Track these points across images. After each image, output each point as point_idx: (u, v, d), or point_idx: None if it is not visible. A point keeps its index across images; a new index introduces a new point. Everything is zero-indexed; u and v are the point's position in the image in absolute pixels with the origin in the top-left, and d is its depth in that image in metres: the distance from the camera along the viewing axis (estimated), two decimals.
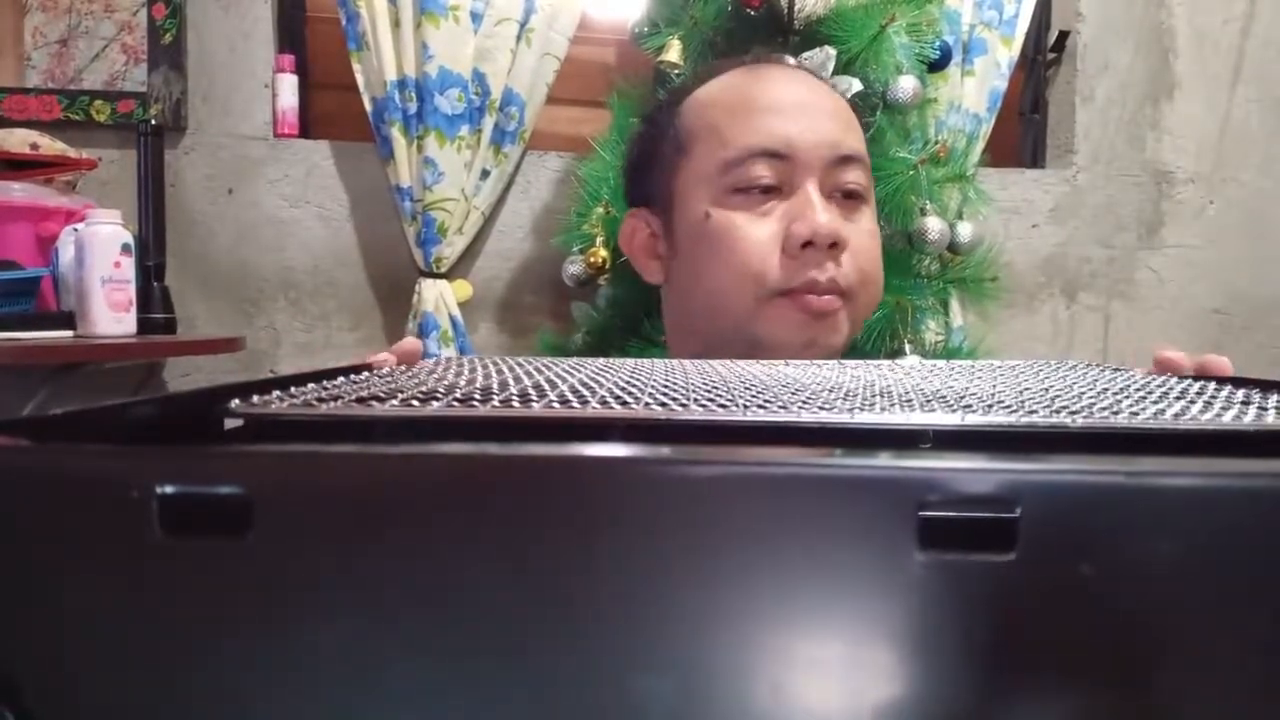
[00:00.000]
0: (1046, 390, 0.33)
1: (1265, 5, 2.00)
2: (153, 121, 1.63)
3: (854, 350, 1.27)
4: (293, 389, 0.31)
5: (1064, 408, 0.28)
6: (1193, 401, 0.30)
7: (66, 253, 1.36)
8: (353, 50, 1.68)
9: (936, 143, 1.42)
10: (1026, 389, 0.33)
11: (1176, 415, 0.27)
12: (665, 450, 0.18)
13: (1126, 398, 0.31)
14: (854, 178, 0.75)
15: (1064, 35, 1.98)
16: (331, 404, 0.28)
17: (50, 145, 1.47)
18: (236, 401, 0.28)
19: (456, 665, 0.18)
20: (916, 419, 0.26)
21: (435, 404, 0.27)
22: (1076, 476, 0.17)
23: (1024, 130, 2.06)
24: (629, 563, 0.17)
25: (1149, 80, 1.99)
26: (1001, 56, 1.83)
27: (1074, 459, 0.17)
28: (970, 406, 0.28)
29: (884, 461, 0.17)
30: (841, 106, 0.79)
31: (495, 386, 0.32)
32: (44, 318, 1.36)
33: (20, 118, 1.65)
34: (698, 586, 0.18)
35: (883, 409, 0.28)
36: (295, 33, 1.85)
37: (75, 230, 1.35)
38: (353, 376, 0.35)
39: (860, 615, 0.17)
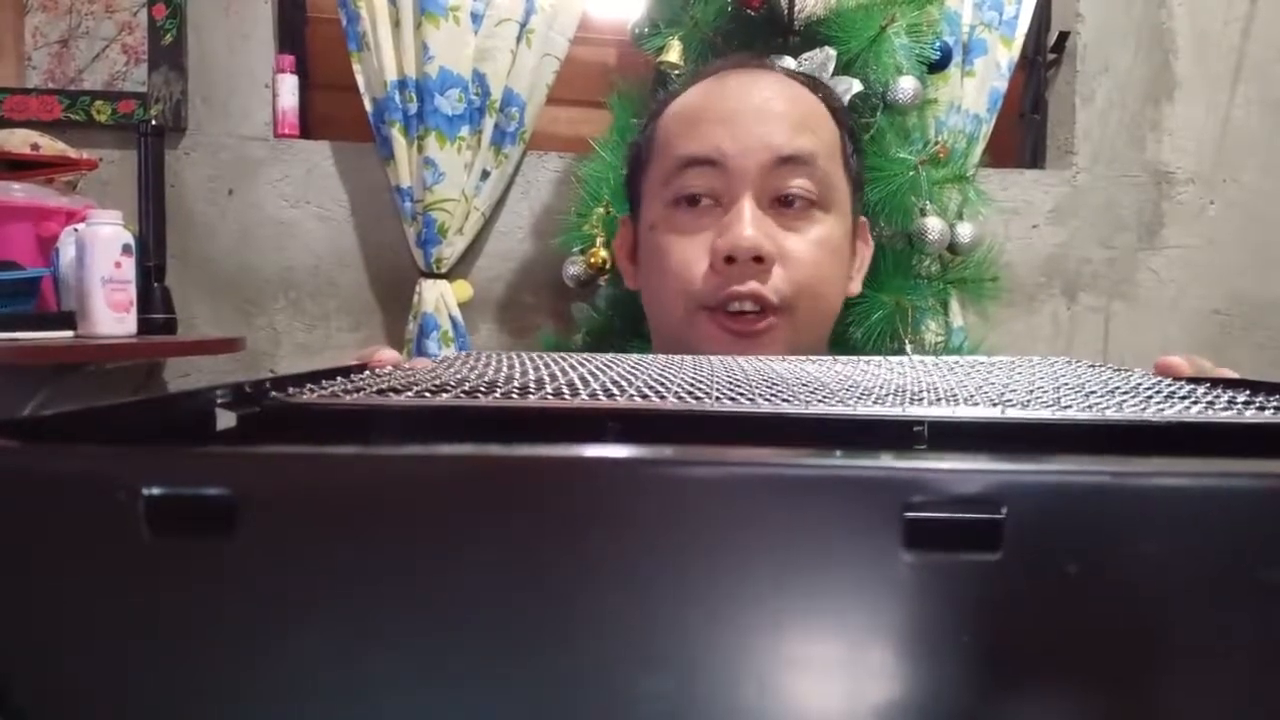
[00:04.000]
0: (1055, 388, 0.33)
1: (1265, 5, 1.99)
2: (153, 122, 1.63)
3: (854, 352, 1.28)
4: (308, 385, 0.31)
5: (1066, 405, 0.28)
6: (1193, 402, 0.30)
7: (67, 253, 1.36)
8: (353, 51, 1.68)
9: (936, 143, 1.42)
10: (1035, 386, 0.33)
11: (1164, 411, 0.27)
12: (651, 450, 0.18)
13: (1119, 395, 0.31)
14: (798, 183, 0.73)
15: (1064, 36, 1.98)
16: (356, 395, 0.28)
17: (51, 145, 1.47)
18: (273, 393, 0.28)
19: (447, 666, 0.18)
20: (911, 411, 0.27)
21: (462, 395, 0.27)
22: (1062, 477, 0.17)
23: (1024, 131, 2.06)
24: (616, 562, 0.17)
25: (1149, 81, 1.99)
26: (1001, 57, 1.83)
27: (1060, 459, 0.17)
28: (984, 402, 0.28)
29: (870, 462, 0.17)
30: (800, 109, 0.76)
31: (532, 383, 0.32)
32: (44, 318, 1.36)
33: (21, 118, 1.65)
34: (687, 587, 0.18)
35: (890, 403, 0.28)
36: (295, 33, 1.85)
37: (76, 230, 1.35)
38: (354, 376, 0.35)
39: (848, 614, 0.17)
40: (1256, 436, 0.26)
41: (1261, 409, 0.28)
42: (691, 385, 0.32)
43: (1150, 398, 0.31)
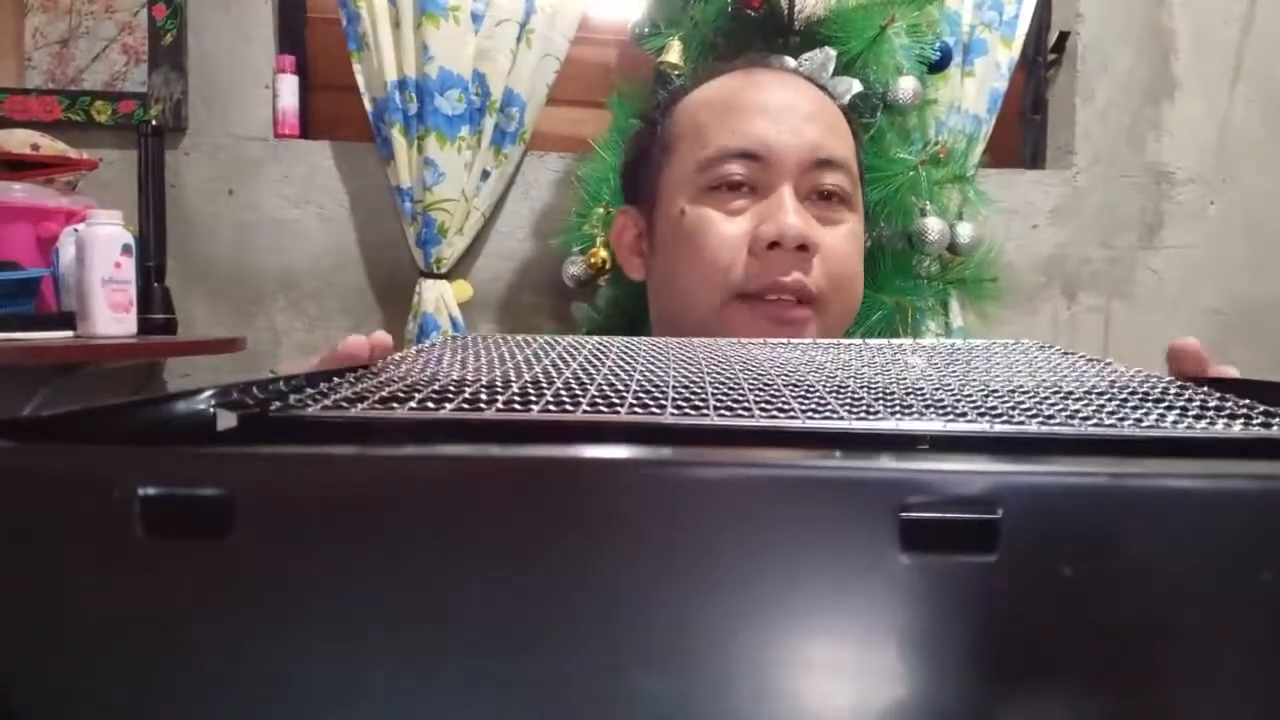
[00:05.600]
0: (1037, 390, 0.33)
1: (1265, 5, 1.99)
2: (153, 122, 1.63)
3: None
4: (308, 391, 0.31)
5: (1055, 413, 0.28)
6: (1184, 410, 0.30)
7: (67, 253, 1.36)
8: (353, 51, 1.68)
9: (937, 143, 1.42)
10: (1018, 388, 0.33)
11: (1161, 422, 0.27)
12: (649, 452, 0.18)
13: (1114, 400, 0.31)
14: (834, 181, 0.74)
15: (1064, 36, 1.98)
16: (359, 405, 0.28)
17: (51, 146, 1.48)
18: (277, 404, 0.28)
19: (445, 667, 0.18)
20: (910, 426, 0.26)
21: (448, 406, 0.27)
22: (1058, 479, 0.17)
23: (1024, 131, 2.06)
24: (613, 562, 0.17)
25: (1149, 81, 1.99)
26: (1001, 57, 1.83)
27: (1056, 461, 0.17)
28: (963, 414, 0.28)
29: (867, 464, 0.17)
30: (828, 111, 0.78)
31: (530, 386, 0.32)
32: (44, 318, 1.36)
33: (21, 118, 1.65)
34: (685, 588, 0.18)
35: (884, 413, 0.28)
36: (296, 33, 1.85)
37: (76, 231, 1.35)
38: (349, 376, 0.35)
39: (844, 616, 0.17)
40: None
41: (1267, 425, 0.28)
42: (686, 384, 0.32)
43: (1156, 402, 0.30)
